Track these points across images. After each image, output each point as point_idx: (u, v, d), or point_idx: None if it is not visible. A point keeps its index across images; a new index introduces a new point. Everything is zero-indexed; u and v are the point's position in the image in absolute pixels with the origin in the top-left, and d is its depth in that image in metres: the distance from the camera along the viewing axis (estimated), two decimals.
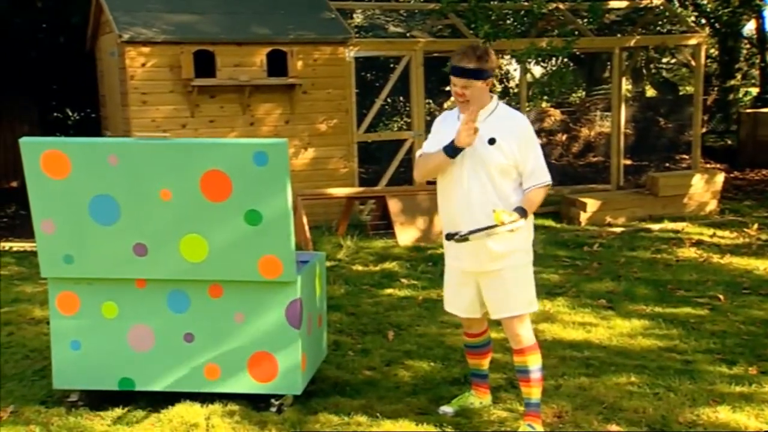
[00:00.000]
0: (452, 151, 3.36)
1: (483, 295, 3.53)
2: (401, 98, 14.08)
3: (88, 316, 3.87)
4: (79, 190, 3.68)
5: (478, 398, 3.86)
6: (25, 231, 8.17)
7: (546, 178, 3.45)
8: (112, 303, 3.86)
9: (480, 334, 3.76)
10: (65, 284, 3.87)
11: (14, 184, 11.29)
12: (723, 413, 3.77)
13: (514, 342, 3.54)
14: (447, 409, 3.81)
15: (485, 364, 3.86)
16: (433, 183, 3.68)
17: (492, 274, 3.45)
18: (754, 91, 17.43)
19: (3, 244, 8.15)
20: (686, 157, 12.59)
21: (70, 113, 13.52)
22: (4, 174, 11.49)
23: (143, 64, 7.97)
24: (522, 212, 3.35)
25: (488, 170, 3.37)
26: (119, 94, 8.29)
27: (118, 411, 3.85)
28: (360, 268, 6.95)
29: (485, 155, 3.36)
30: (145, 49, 7.95)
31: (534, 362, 3.53)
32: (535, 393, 3.56)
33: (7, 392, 4.18)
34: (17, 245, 8.02)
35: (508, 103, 3.57)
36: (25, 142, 3.69)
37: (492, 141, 3.36)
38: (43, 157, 3.65)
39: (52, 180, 3.67)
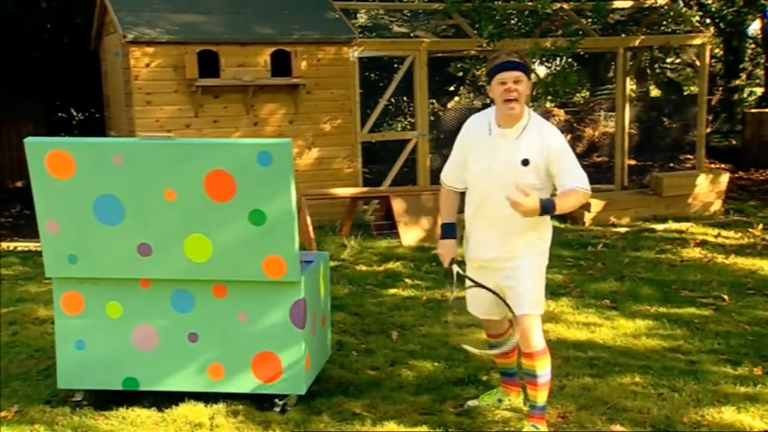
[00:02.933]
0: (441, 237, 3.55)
1: (505, 295, 3.49)
2: (405, 98, 14.08)
3: (93, 315, 3.88)
4: (84, 190, 3.69)
5: (507, 396, 3.84)
6: (30, 231, 8.19)
7: (587, 185, 3.32)
8: (117, 303, 3.87)
9: (500, 335, 3.74)
10: (70, 284, 3.87)
11: (19, 183, 11.32)
12: (728, 414, 3.77)
13: (524, 345, 3.50)
14: (472, 402, 3.84)
15: (512, 362, 3.80)
16: (436, 184, 3.69)
17: (508, 273, 3.44)
18: (759, 90, 17.39)
19: (8, 243, 8.17)
20: (690, 157, 12.57)
21: (75, 113, 13.55)
22: (9, 174, 11.52)
23: (147, 64, 7.98)
24: (547, 203, 3.23)
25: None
26: (123, 94, 8.30)
27: (123, 411, 3.85)
28: (364, 268, 6.95)
29: (519, 177, 3.29)
30: (149, 49, 7.96)
31: (542, 367, 3.50)
32: (540, 397, 3.55)
33: (11, 392, 4.19)
34: (22, 245, 8.04)
35: None
36: (29, 142, 3.70)
37: (526, 162, 3.31)
38: (48, 157, 3.66)
39: (56, 180, 3.68)
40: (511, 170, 3.32)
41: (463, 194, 3.62)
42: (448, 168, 3.62)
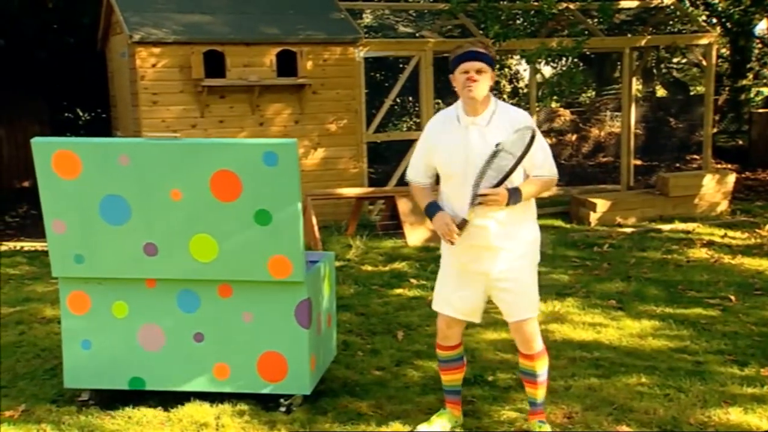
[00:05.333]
0: (430, 217, 3.46)
1: (495, 298, 3.47)
2: (410, 98, 14.08)
3: (99, 315, 3.89)
4: (90, 190, 3.70)
5: (453, 416, 3.71)
6: (37, 231, 8.22)
7: (553, 172, 3.41)
8: (123, 302, 3.87)
9: (456, 347, 3.64)
10: (76, 284, 3.88)
11: (26, 183, 11.35)
12: (734, 414, 3.75)
13: (524, 347, 3.49)
14: (425, 428, 3.65)
15: (460, 379, 3.73)
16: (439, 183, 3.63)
17: (505, 275, 3.39)
18: (766, 90, 17.33)
19: (14, 243, 8.20)
20: (697, 157, 12.54)
21: (81, 113, 13.58)
22: (16, 174, 11.55)
23: (153, 65, 8.00)
24: (514, 192, 3.28)
25: (500, 180, 3.28)
26: (129, 95, 8.32)
27: (129, 410, 3.86)
28: (369, 268, 6.95)
29: (495, 162, 3.28)
30: (156, 50, 7.98)
31: (542, 367, 3.51)
32: (540, 394, 3.56)
33: (18, 391, 4.20)
34: (28, 245, 8.07)
35: (518, 104, 3.53)
36: (36, 142, 3.71)
37: (499, 146, 3.28)
38: (55, 157, 3.67)
39: (63, 180, 3.69)
40: (485, 155, 3.30)
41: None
42: (412, 165, 3.57)
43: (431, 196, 3.54)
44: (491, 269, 3.40)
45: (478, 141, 3.33)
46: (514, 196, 3.30)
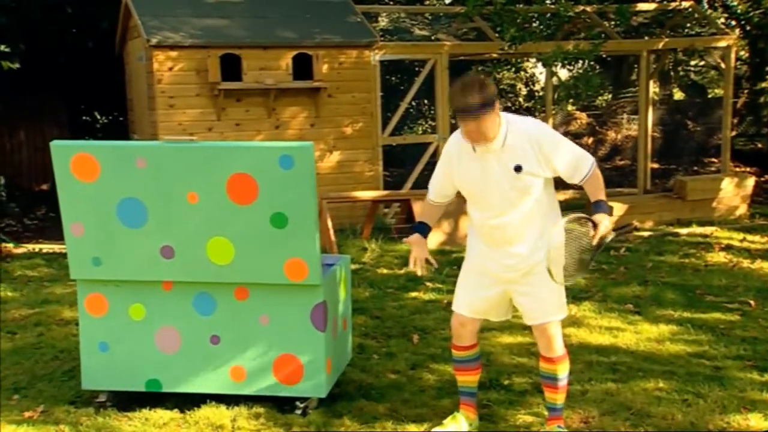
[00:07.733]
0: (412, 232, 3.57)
1: (515, 302, 3.47)
2: (426, 101, 14.08)
3: (116, 317, 3.91)
4: (108, 192, 3.72)
5: (468, 419, 3.69)
6: (55, 233, 8.29)
7: (589, 161, 3.35)
8: (140, 305, 3.90)
9: (470, 347, 3.62)
10: (94, 286, 3.91)
11: (44, 186, 11.46)
12: (754, 420, 3.72)
13: (546, 350, 3.47)
14: (438, 431, 3.65)
15: (476, 380, 3.71)
16: None
17: (524, 280, 3.39)
18: None
19: (33, 245, 8.27)
20: (715, 160, 12.44)
21: (99, 117, 13.69)
22: (35, 177, 11.66)
23: (170, 68, 8.05)
24: (598, 205, 3.29)
25: (523, 197, 3.30)
26: (147, 98, 8.38)
27: (145, 412, 3.88)
28: (385, 271, 6.95)
29: (517, 183, 3.29)
30: (173, 53, 8.03)
31: (563, 371, 3.49)
32: (560, 399, 3.55)
33: (37, 392, 4.24)
34: (47, 247, 8.14)
35: (534, 107, 3.47)
36: (55, 145, 3.74)
37: (518, 168, 3.27)
38: (73, 161, 3.70)
39: (81, 183, 3.72)
40: (506, 180, 3.30)
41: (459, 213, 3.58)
42: (433, 182, 3.62)
43: (430, 215, 3.65)
44: (511, 272, 3.40)
45: (496, 166, 3.32)
46: (603, 208, 3.29)
